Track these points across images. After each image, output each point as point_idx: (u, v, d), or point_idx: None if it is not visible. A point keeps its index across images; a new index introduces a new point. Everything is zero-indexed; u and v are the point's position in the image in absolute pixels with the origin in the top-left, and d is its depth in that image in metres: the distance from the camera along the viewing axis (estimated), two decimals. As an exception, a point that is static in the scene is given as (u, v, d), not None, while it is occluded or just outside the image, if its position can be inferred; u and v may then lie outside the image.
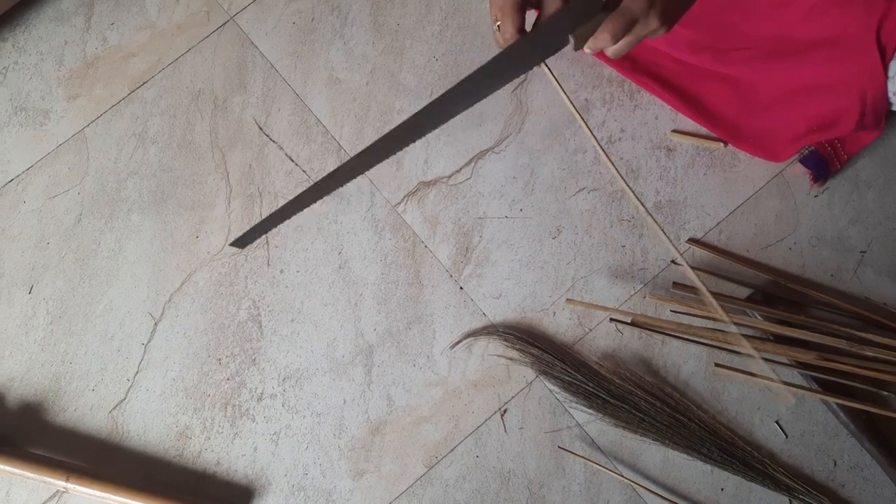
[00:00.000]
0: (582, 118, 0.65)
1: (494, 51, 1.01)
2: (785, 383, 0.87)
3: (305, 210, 0.71)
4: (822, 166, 0.91)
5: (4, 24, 1.08)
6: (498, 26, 0.67)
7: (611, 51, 0.60)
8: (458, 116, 1.02)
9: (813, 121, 0.89)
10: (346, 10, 1.06)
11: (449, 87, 0.62)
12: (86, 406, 0.95)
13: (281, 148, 1.02)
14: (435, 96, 1.00)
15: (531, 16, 0.59)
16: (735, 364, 0.89)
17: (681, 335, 0.90)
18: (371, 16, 1.05)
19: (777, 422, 0.88)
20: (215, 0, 1.08)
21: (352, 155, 1.00)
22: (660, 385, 0.90)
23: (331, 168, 1.00)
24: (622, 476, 0.87)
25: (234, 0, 1.07)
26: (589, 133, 0.64)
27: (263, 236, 0.99)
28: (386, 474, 0.91)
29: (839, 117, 0.86)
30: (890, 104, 0.84)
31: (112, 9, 1.08)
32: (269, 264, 0.98)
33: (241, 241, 0.66)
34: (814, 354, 0.86)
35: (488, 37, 1.03)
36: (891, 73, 0.80)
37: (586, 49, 0.61)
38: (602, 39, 0.59)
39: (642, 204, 0.64)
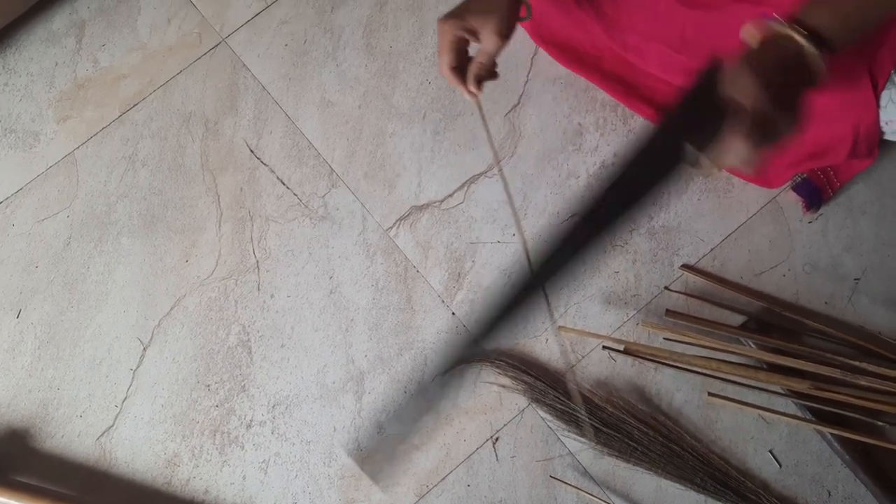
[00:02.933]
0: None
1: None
2: (778, 412, 0.86)
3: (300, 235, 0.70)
4: (814, 194, 0.90)
5: (-5, 45, 1.08)
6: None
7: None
8: (451, 140, 1.02)
9: (807, 147, 0.88)
10: (338, 33, 1.05)
11: (441, 111, 0.63)
12: (73, 433, 0.94)
13: (272, 171, 1.01)
14: (428, 119, 1.00)
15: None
16: (728, 393, 0.88)
17: (674, 363, 0.89)
18: (364, 38, 1.05)
19: (771, 451, 0.88)
20: (207, 22, 1.07)
21: (343, 178, 1.00)
22: (653, 413, 0.89)
23: (321, 191, 1.00)
24: (615, 506, 0.86)
25: (227, 22, 1.07)
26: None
27: (255, 261, 0.98)
28: (376, 503, 0.90)
29: (833, 145, 0.86)
30: (882, 133, 0.84)
31: (103, 30, 1.08)
32: (259, 289, 0.97)
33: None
34: (808, 384, 0.85)
35: (481, 60, 1.02)
36: (883, 103, 0.79)
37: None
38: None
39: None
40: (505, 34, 0.70)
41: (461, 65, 0.72)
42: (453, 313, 0.95)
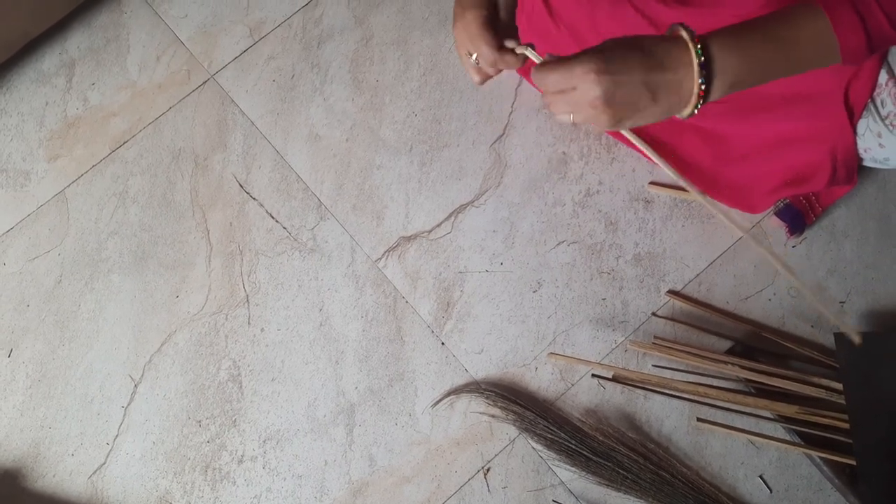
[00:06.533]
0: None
1: (473, 105, 1.02)
2: (768, 437, 0.86)
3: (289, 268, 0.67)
4: (797, 219, 0.91)
5: (-14, 86, 1.09)
6: (476, 59, 0.66)
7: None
8: (438, 171, 1.03)
9: (787, 174, 0.89)
10: (325, 67, 1.07)
11: (428, 142, 0.61)
12: (65, 472, 0.94)
13: (261, 205, 1.02)
14: (414, 151, 1.02)
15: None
16: (717, 418, 0.88)
17: (662, 390, 0.89)
18: (350, 72, 1.06)
19: (761, 476, 0.88)
20: (196, 59, 1.09)
21: (331, 211, 1.01)
22: (642, 441, 0.89)
23: (310, 224, 1.01)
24: (607, 535, 0.86)
25: (215, 59, 1.08)
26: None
27: (244, 295, 0.99)
28: (369, 537, 0.90)
29: (813, 172, 0.87)
30: (861, 159, 0.85)
31: (93, 69, 1.09)
32: (249, 323, 0.98)
33: None
34: (796, 408, 0.85)
35: (466, 92, 1.03)
36: (860, 131, 0.81)
37: None
38: None
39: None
40: (497, 46, 0.65)
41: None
42: (443, 343, 0.95)
